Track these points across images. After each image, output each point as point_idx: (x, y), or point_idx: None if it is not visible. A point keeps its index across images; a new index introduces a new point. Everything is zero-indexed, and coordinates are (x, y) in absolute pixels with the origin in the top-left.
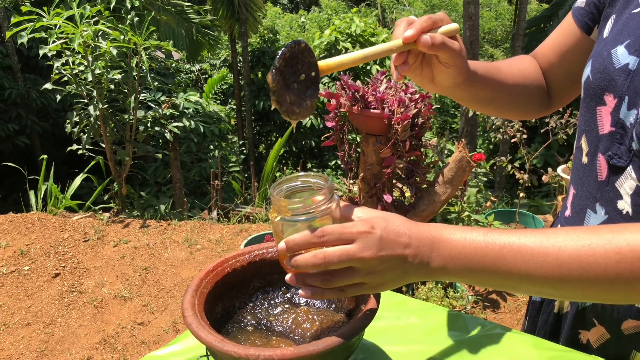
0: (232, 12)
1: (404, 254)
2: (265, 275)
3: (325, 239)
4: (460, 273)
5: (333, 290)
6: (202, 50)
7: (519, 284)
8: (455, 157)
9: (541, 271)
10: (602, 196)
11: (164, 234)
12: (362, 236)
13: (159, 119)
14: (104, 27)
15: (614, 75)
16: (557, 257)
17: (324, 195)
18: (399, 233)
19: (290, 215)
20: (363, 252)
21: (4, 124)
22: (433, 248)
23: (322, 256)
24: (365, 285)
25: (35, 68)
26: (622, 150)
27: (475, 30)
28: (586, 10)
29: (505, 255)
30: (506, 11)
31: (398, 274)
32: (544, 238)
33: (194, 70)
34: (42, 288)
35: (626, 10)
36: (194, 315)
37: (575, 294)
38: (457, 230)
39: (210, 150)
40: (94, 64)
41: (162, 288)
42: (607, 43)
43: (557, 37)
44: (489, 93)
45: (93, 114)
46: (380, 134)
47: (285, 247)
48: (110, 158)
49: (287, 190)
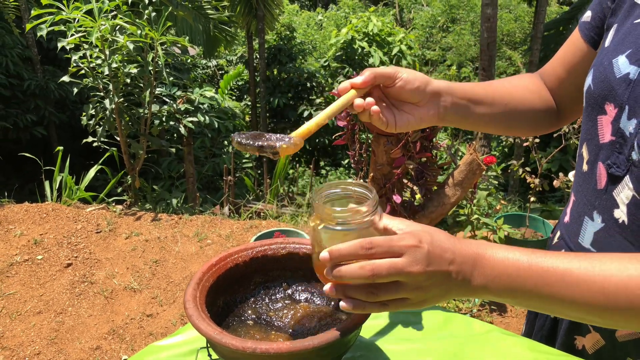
0: (250, 9)
1: (448, 270)
2: (267, 271)
3: (374, 251)
4: (502, 293)
5: (376, 304)
6: (219, 46)
7: (561, 309)
8: (466, 159)
9: (586, 299)
10: (599, 204)
11: (175, 228)
12: (411, 250)
13: (173, 113)
14: (121, 21)
15: (615, 84)
16: (603, 286)
17: (369, 206)
18: (444, 248)
19: (335, 224)
20: (412, 267)
21: (22, 115)
22: (475, 266)
23: (371, 268)
24: (408, 300)
25: (55, 60)
26: (621, 160)
27: (492, 32)
28: (592, 24)
29: (549, 279)
30: (525, 13)
31: (442, 291)
32: (590, 265)
33: (210, 65)
34: (54, 277)
35: (628, 20)
36: (195, 307)
37: (619, 324)
38: (501, 249)
39: (224, 145)
40: (110, 57)
41: (171, 281)
42: (608, 52)
43: (565, 52)
44: (486, 116)
45: (109, 107)
46: (391, 135)
47: (328, 256)
48: (125, 151)
49: (326, 197)
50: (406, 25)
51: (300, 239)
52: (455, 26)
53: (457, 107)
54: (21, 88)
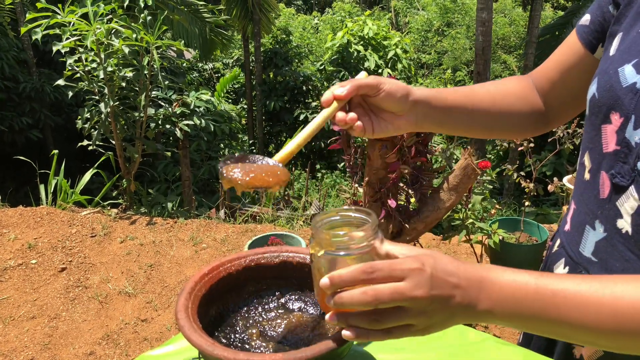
0: (246, 13)
1: (453, 294)
2: (260, 279)
3: (375, 275)
4: (508, 318)
5: (379, 332)
6: (215, 50)
7: (571, 333)
8: (460, 164)
9: (596, 322)
10: (602, 214)
11: (170, 232)
12: (414, 273)
13: (169, 116)
14: (117, 25)
15: (621, 94)
16: (613, 308)
17: (369, 230)
18: (448, 272)
19: (334, 250)
20: (415, 291)
21: (17, 117)
22: (481, 289)
23: (373, 293)
24: (413, 327)
25: (51, 63)
26: (626, 170)
27: (487, 36)
28: (591, 28)
29: (557, 303)
30: (520, 17)
31: (446, 316)
32: (600, 286)
33: (206, 69)
34: (48, 282)
35: (634, 28)
36: (186, 318)
37: (633, 347)
38: (507, 272)
39: (221, 148)
40: (106, 61)
41: (166, 285)
42: (613, 61)
43: (560, 54)
44: (465, 121)
45: (104, 111)
46: (386, 139)
47: (329, 283)
48: (120, 155)
49: (326, 224)
50: (402, 29)
51: (294, 247)
52: (450, 30)
53: (434, 114)
54: (17, 91)
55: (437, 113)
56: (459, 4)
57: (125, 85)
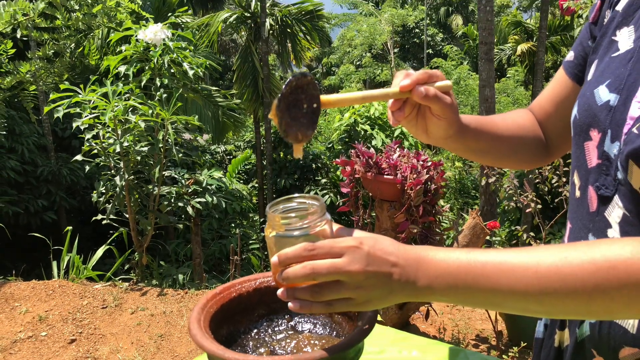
0: (257, 96)
1: (390, 271)
2: (270, 302)
3: (315, 252)
4: (446, 292)
5: (321, 304)
6: (228, 132)
7: (503, 301)
8: (469, 224)
9: (522, 285)
10: (594, 226)
11: (181, 302)
12: (351, 250)
13: (182, 194)
14: (134, 102)
15: (597, 111)
16: (536, 270)
17: (315, 212)
18: (387, 252)
19: (284, 231)
20: (350, 266)
21: (34, 200)
22: (419, 268)
23: (311, 267)
24: (352, 300)
25: (68, 148)
26: (609, 181)
27: (491, 112)
28: (575, 62)
29: (487, 272)
30: (523, 96)
31: (384, 292)
32: (525, 253)
33: (219, 151)
34: (57, 354)
35: (607, 55)
36: (199, 327)
37: (558, 308)
38: (441, 250)
39: (232, 227)
40: (122, 137)
41: (176, 355)
42: (590, 84)
43: (552, 89)
44: (483, 144)
45: (119, 184)
46: (394, 200)
47: (277, 260)
48: (133, 228)
49: (283, 210)
50: None
51: None
52: None
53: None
54: (35, 174)
55: (470, 129)
56: (463, 85)
57: (140, 159)
